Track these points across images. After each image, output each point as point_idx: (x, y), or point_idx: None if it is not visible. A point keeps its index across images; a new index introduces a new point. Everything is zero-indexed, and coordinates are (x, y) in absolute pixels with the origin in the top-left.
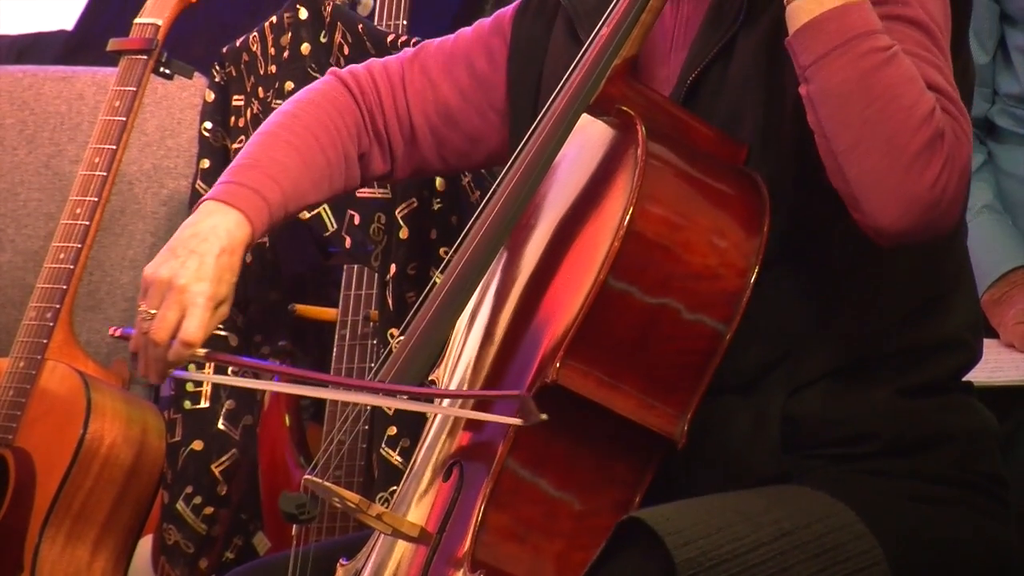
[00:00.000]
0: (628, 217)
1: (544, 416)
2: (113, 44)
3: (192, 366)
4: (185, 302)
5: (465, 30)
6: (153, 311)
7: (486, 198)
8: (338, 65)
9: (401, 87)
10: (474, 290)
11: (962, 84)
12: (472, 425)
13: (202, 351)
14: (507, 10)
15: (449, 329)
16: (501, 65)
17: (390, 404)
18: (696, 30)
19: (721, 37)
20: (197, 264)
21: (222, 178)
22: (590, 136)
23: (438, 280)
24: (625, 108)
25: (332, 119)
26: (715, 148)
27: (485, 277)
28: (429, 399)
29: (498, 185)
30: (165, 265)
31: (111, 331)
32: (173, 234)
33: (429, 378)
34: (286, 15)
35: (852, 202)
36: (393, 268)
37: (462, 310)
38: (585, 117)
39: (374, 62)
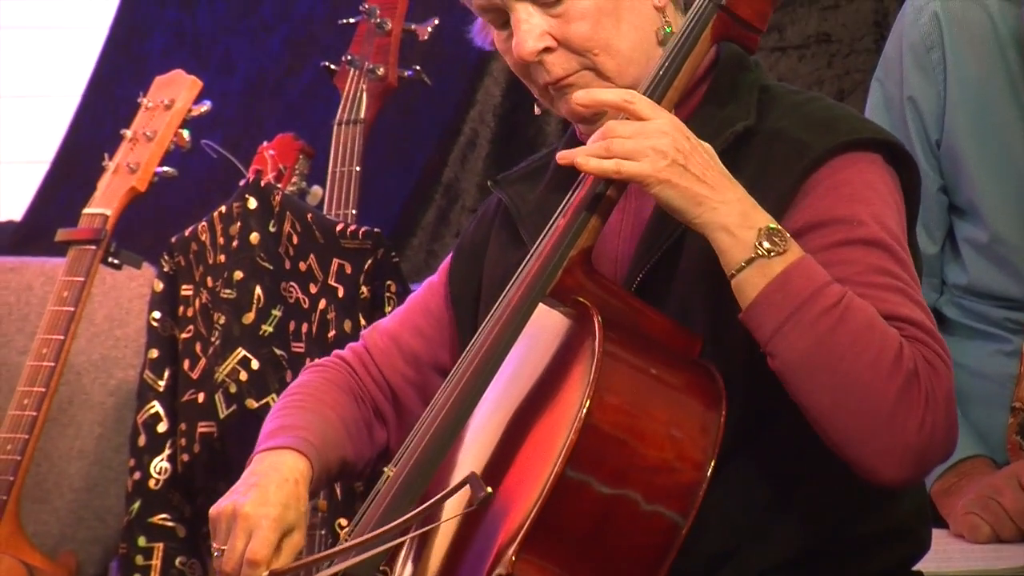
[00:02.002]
0: (585, 409)
1: None
2: (62, 234)
3: None
4: (250, 527)
5: (423, 285)
6: (223, 547)
7: (440, 389)
8: (287, 254)
9: (367, 355)
10: (427, 482)
11: (915, 268)
12: None
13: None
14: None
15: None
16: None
17: None
18: (644, 223)
19: (670, 233)
20: (259, 494)
21: (261, 447)
22: (546, 326)
23: (389, 472)
24: (582, 299)
25: (334, 386)
26: (671, 339)
27: (439, 467)
28: None
29: (452, 377)
30: (227, 500)
31: None
32: (120, 423)
33: (381, 567)
34: (235, 204)
35: (847, 460)
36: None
37: (415, 500)
38: (541, 307)
39: (336, 352)
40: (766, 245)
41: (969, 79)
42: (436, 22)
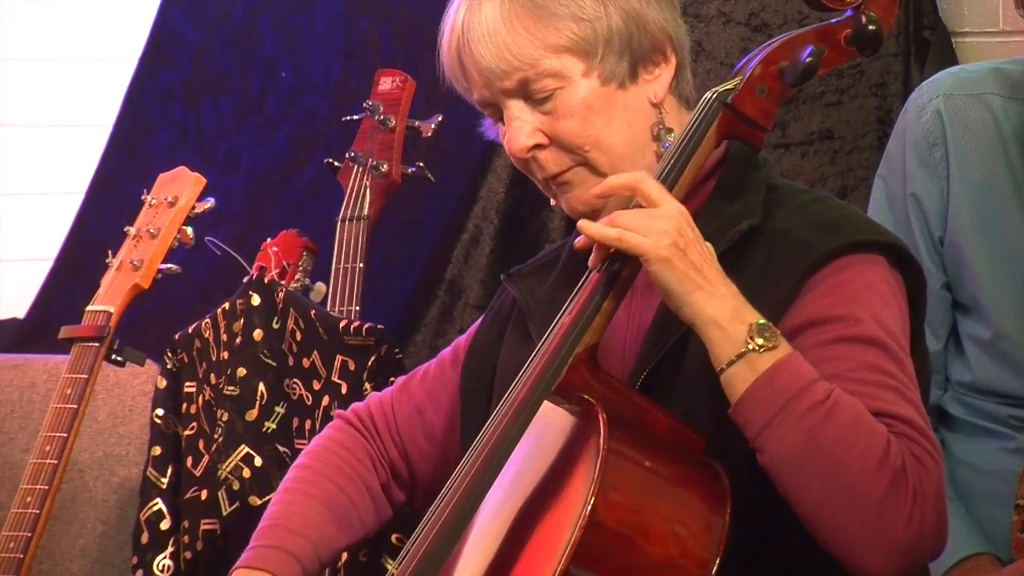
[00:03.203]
0: (590, 507)
1: None
2: (65, 332)
3: None
4: None
5: (446, 351)
6: None
7: (446, 485)
8: (290, 351)
9: (392, 416)
10: None
11: (920, 378)
12: None
13: None
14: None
15: None
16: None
17: None
18: (649, 322)
19: (674, 332)
20: None
21: (250, 544)
22: (551, 424)
23: (391, 568)
24: (587, 396)
25: (345, 459)
26: (675, 437)
27: (444, 564)
28: None
29: (458, 473)
30: None
31: None
32: (123, 521)
33: None
34: (239, 301)
35: (836, 556)
36: (344, 555)
37: None
38: (547, 405)
39: (373, 396)
40: (758, 340)
41: (972, 176)
42: (439, 119)
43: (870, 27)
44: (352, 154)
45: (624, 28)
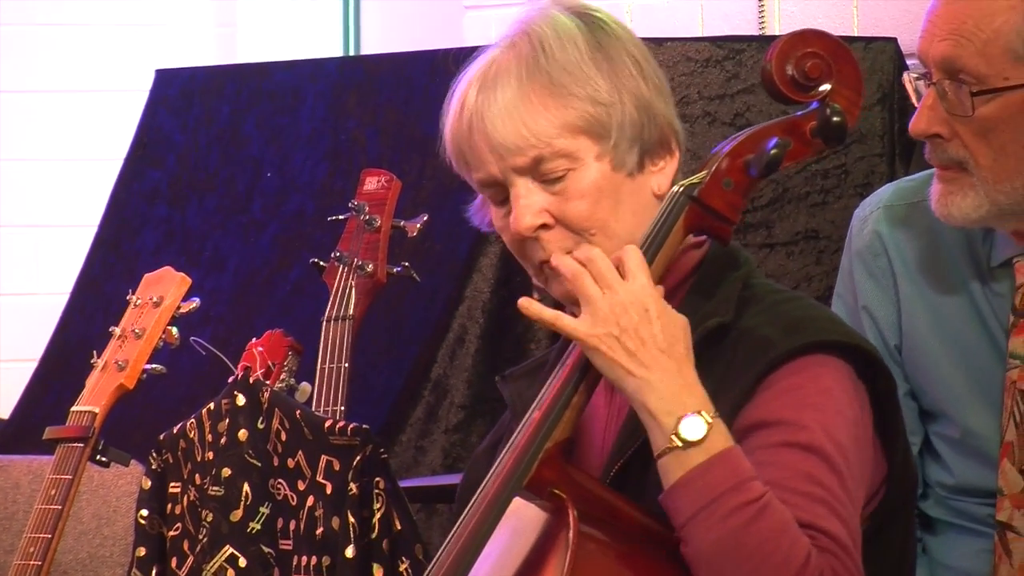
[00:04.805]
0: None
1: None
2: (50, 432)
3: None
4: None
5: None
6: None
7: None
8: (275, 451)
9: None
10: None
11: (903, 482)
12: None
13: None
14: None
15: None
16: None
17: None
18: (626, 417)
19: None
20: None
21: None
22: (522, 519)
23: None
24: (557, 491)
25: None
26: (646, 533)
27: None
28: None
29: (430, 570)
30: None
31: None
32: None
33: None
34: (223, 401)
35: None
36: None
37: None
38: (518, 500)
39: None
40: (683, 436)
41: (918, 283)
42: (425, 219)
43: (835, 119)
44: (337, 254)
45: (637, 117)
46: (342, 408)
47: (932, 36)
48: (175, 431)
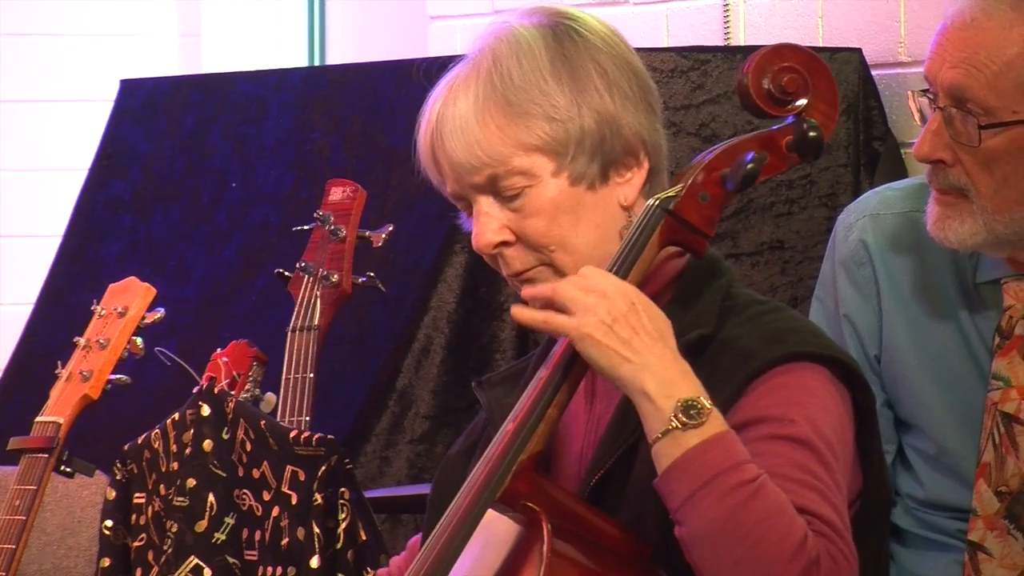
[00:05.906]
0: None
1: None
2: (14, 443)
3: None
4: None
5: None
6: None
7: None
8: (240, 461)
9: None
10: None
11: (878, 497)
12: None
13: None
14: None
15: None
16: None
17: None
18: (604, 429)
19: (624, 441)
20: None
21: None
22: (495, 532)
23: None
24: (531, 504)
25: None
26: (620, 546)
27: None
28: None
29: None
30: None
31: None
32: None
33: None
34: (188, 412)
35: None
36: None
37: None
38: (491, 513)
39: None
40: (682, 418)
41: (902, 294)
42: (391, 229)
43: (811, 133)
44: (303, 264)
45: (596, 130)
46: (307, 418)
47: (942, 60)
48: (140, 441)
